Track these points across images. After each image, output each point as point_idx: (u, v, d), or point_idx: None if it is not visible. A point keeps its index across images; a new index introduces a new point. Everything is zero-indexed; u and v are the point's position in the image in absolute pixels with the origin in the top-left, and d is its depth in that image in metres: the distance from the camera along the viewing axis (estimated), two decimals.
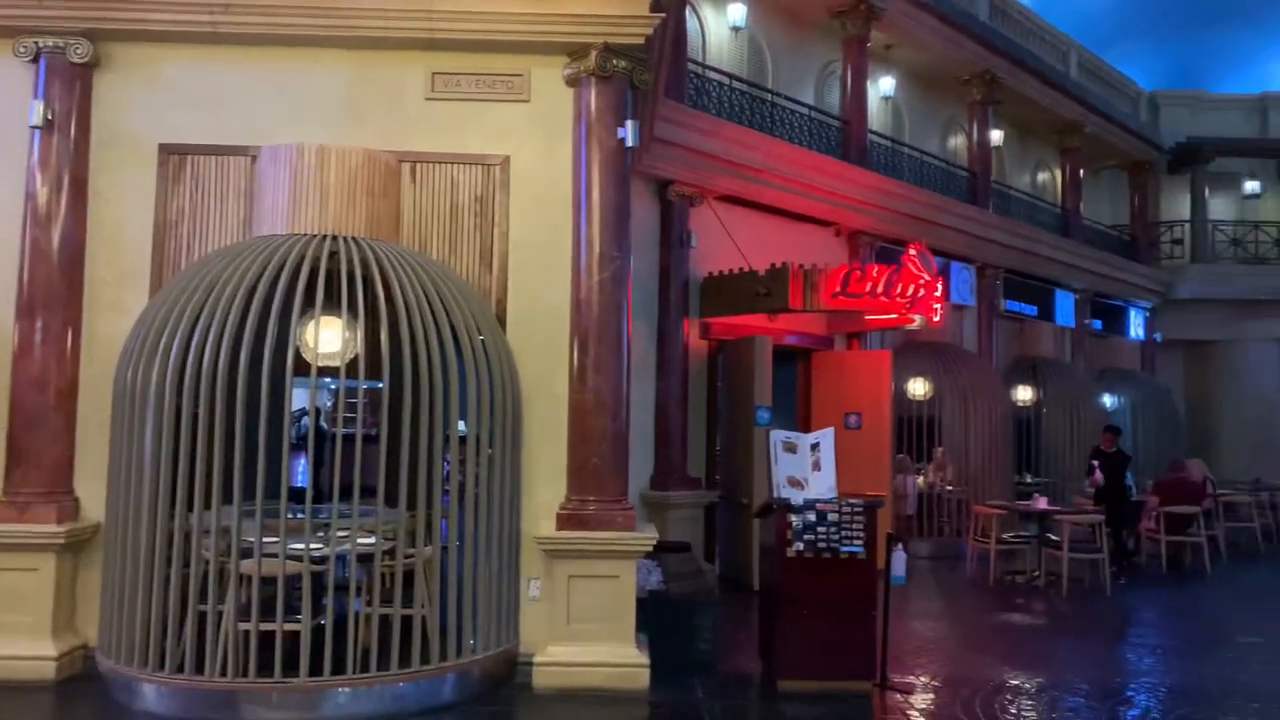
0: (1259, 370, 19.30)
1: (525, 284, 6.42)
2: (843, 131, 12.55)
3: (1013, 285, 15.72)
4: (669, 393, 9.90)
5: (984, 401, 12.94)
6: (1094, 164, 19.59)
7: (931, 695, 6.21)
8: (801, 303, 9.66)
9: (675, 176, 9.95)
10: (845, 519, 6.12)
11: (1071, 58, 18.08)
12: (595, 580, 6.09)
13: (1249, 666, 7.18)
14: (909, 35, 13.63)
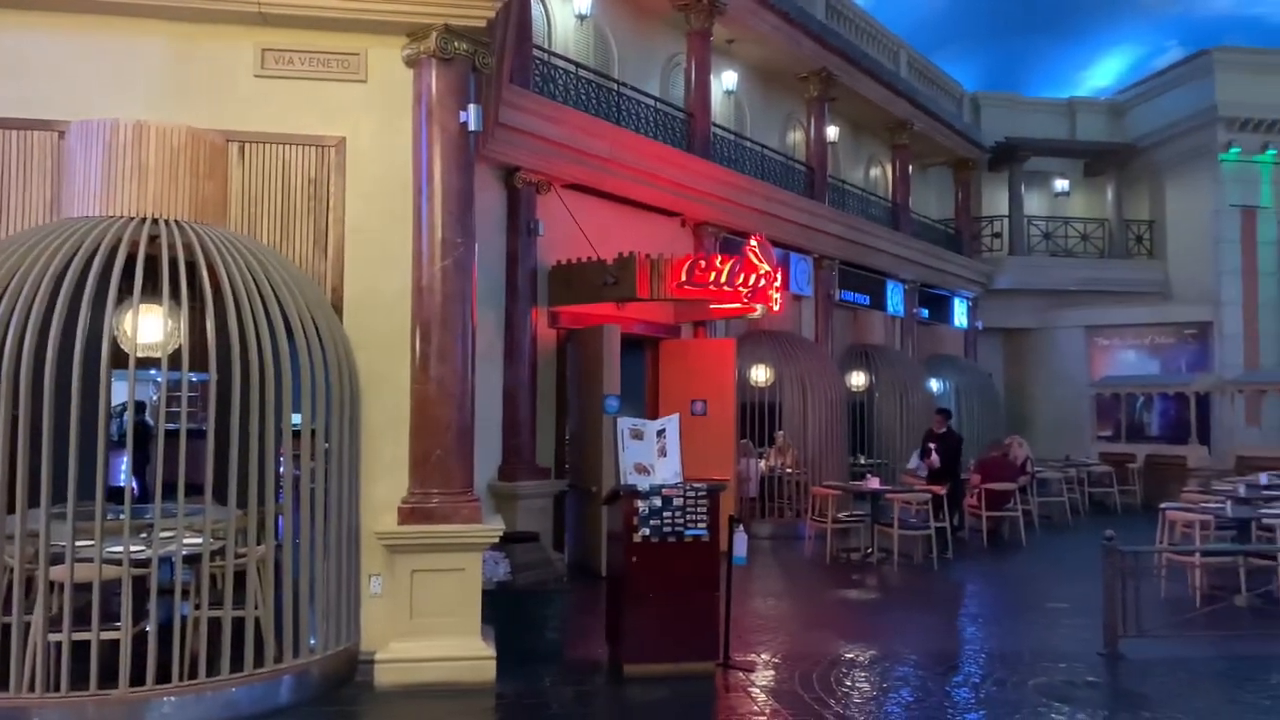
0: (1068, 356, 20.85)
1: (363, 270, 6.22)
2: (687, 124, 12.75)
3: (847, 276, 16.40)
4: (517, 382, 9.83)
5: (821, 387, 13.45)
6: (922, 161, 20.64)
7: (772, 672, 6.42)
8: (648, 292, 9.76)
9: (522, 163, 9.86)
10: (689, 503, 6.22)
11: (902, 58, 18.97)
12: (440, 574, 5.98)
13: (1058, 629, 7.76)
14: (750, 31, 13.97)
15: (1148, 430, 18.99)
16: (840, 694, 5.92)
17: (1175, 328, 19.94)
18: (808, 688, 6.01)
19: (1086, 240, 21.41)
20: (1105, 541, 7.09)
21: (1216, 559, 8.76)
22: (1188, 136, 19.85)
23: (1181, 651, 6.90)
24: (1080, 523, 14.18)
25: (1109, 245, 21.37)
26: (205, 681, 5.10)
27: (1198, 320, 19.53)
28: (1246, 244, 19.09)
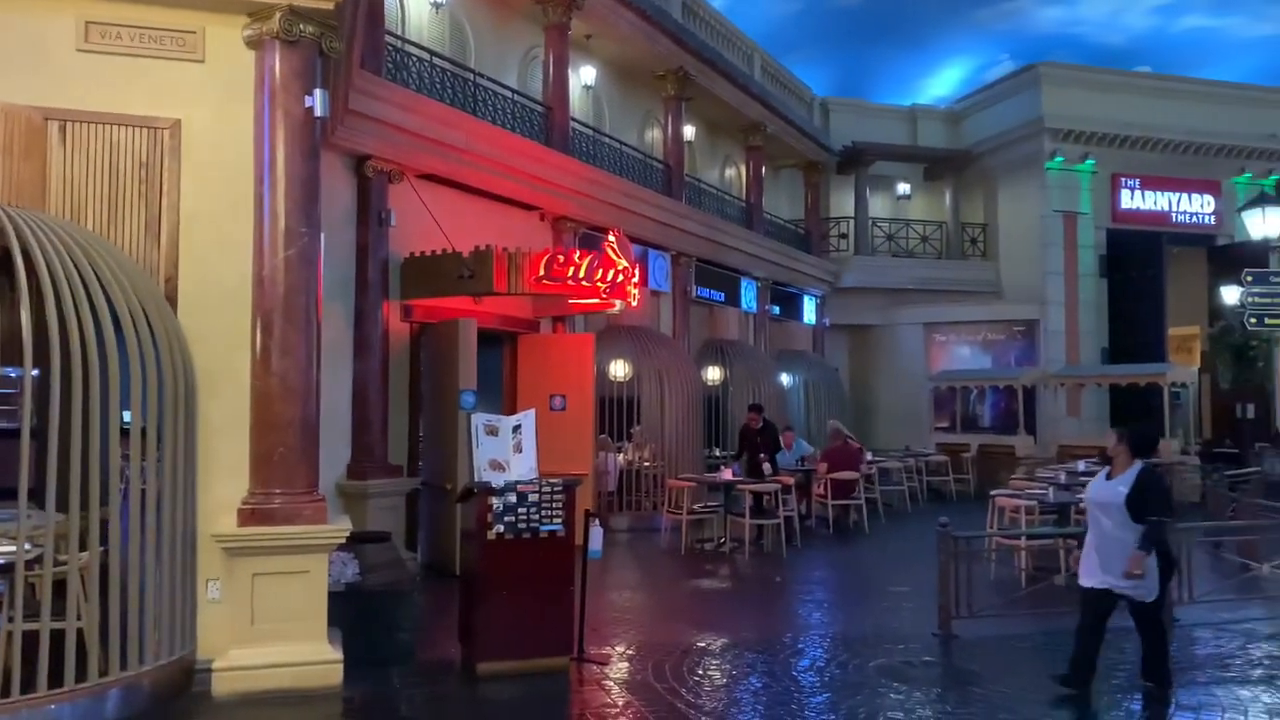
0: (908, 351, 21.89)
1: (200, 260, 5.91)
2: (546, 117, 12.68)
3: (703, 273, 16.70)
4: (367, 377, 9.56)
5: (678, 382, 13.65)
6: (774, 162, 21.24)
7: (626, 664, 6.48)
8: (506, 286, 9.67)
9: (373, 152, 9.58)
10: (545, 499, 6.20)
11: (756, 61, 19.44)
12: (283, 577, 5.75)
13: (898, 612, 8.15)
14: (608, 27, 14.03)
15: (980, 421, 20.18)
16: (692, 683, 6.03)
17: (1006, 325, 21.23)
18: (660, 678, 6.10)
19: (926, 241, 22.52)
20: (940, 528, 7.48)
21: (1040, 542, 9.38)
22: (1017, 145, 21.15)
23: (1008, 629, 7.36)
24: (919, 510, 14.91)
25: (946, 247, 22.54)
26: (19, 699, 4.73)
27: (1025, 318, 20.85)
28: (1068, 247, 20.51)
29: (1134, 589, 5.60)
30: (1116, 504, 5.62)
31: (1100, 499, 5.79)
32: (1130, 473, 5.69)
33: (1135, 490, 5.57)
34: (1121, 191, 20.92)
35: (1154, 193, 21.11)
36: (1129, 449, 5.76)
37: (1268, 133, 21.77)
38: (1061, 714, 5.51)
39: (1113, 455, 5.85)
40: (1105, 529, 5.71)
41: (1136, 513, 5.55)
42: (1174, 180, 21.19)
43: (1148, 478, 5.66)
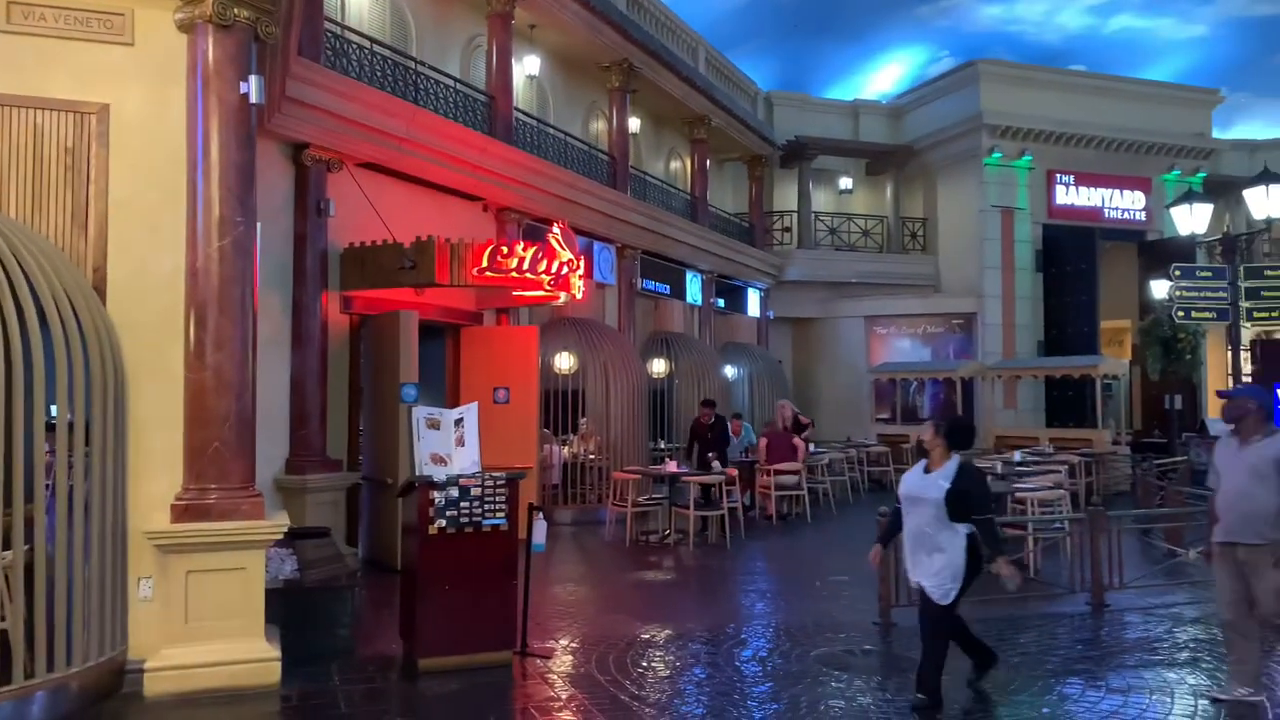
0: (850, 344, 22.17)
1: (131, 250, 5.74)
2: (489, 107, 12.56)
3: (649, 265, 16.71)
4: (306, 370, 9.38)
5: (624, 374, 13.64)
6: (719, 155, 21.30)
7: (570, 657, 6.46)
8: (448, 277, 9.55)
9: (311, 140, 9.39)
10: (488, 492, 6.15)
11: (700, 54, 19.47)
12: (218, 574, 5.63)
13: (838, 601, 8.25)
14: (552, 17, 13.93)
15: (920, 412, 20.50)
16: (635, 675, 6.04)
17: (944, 318, 21.62)
18: (604, 671, 6.09)
19: (867, 235, 22.80)
20: (880, 517, 7.58)
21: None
22: (956, 141, 21.51)
23: None
24: (860, 500, 15.13)
25: (887, 240, 22.85)
26: None
27: (964, 311, 21.25)
28: (1005, 242, 20.94)
29: (933, 586, 5.31)
30: (934, 499, 5.31)
31: (915, 493, 5.46)
32: (949, 467, 5.37)
33: (955, 486, 5.27)
34: (1056, 187, 21.41)
35: (1088, 189, 21.65)
36: (946, 442, 5.44)
37: (1195, 131, 22.45)
38: (995, 700, 5.62)
39: (930, 448, 5.49)
40: (917, 524, 5.42)
41: (955, 509, 5.26)
42: (1107, 177, 21.75)
43: (967, 473, 5.37)
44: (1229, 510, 5.46)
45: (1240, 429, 5.52)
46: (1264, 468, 5.33)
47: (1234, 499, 5.46)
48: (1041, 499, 9.95)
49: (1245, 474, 5.39)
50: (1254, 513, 5.31)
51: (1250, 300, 9.22)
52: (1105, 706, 5.46)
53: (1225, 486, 5.52)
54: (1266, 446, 5.38)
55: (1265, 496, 5.30)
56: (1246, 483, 5.37)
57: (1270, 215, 9.47)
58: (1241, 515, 5.36)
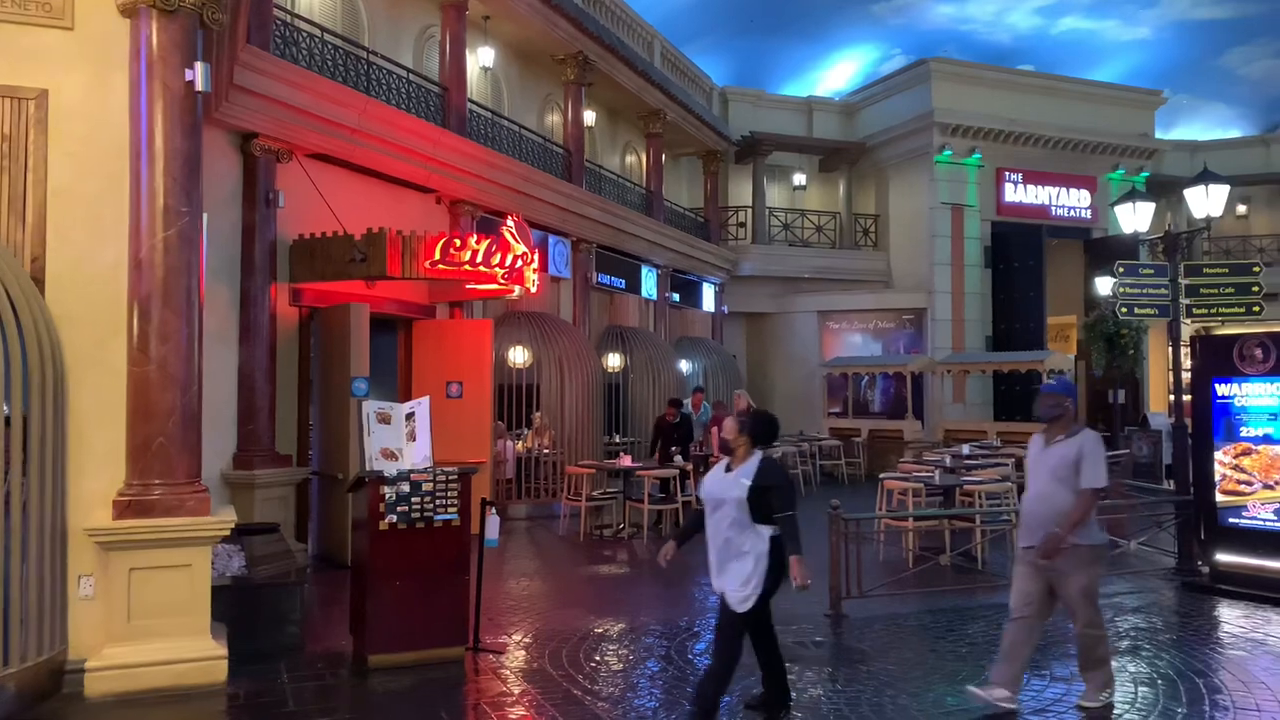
0: (803, 338, 22.35)
1: (71, 240, 5.60)
2: (443, 98, 12.44)
3: (604, 260, 16.69)
4: (254, 364, 9.22)
5: (579, 368, 13.62)
6: (674, 150, 21.34)
7: (523, 652, 6.44)
8: (400, 270, 9.45)
9: (260, 129, 9.22)
10: (440, 487, 6.11)
11: (656, 49, 19.47)
12: (162, 571, 5.52)
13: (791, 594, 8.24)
14: (506, 8, 13.83)
15: (871, 407, 20.76)
16: (589, 669, 6.04)
17: (895, 313, 21.88)
18: (557, 665, 6.09)
19: (820, 231, 22.99)
20: (831, 510, 7.67)
21: (926, 523, 9.72)
22: (908, 138, 21.76)
23: (895, 608, 7.61)
24: (812, 493, 15.25)
25: (840, 236, 23.07)
26: None
27: (914, 307, 21.53)
28: (955, 239, 21.24)
29: (733, 592, 4.89)
30: (735, 498, 4.86)
31: (716, 494, 5.00)
32: (750, 464, 4.94)
33: (756, 483, 4.84)
34: (1005, 185, 21.76)
35: (1035, 187, 22.04)
36: (750, 438, 5.04)
37: (1139, 132, 22.95)
38: (942, 690, 5.71)
39: (734, 446, 5.07)
40: (719, 527, 4.96)
41: (757, 509, 4.84)
42: (1054, 175, 22.15)
43: (770, 469, 4.94)
44: (1029, 514, 5.29)
45: (1051, 427, 5.34)
46: (1063, 469, 5.15)
47: (1033, 502, 5.30)
48: (989, 491, 10.13)
49: (1046, 475, 5.22)
50: (1052, 516, 5.12)
51: (1190, 297, 9.43)
52: (1049, 694, 5.57)
53: (1029, 488, 5.35)
54: (1068, 446, 5.19)
55: (1065, 498, 5.12)
56: (1046, 484, 5.20)
57: (1209, 214, 9.71)
58: (1040, 519, 5.19)
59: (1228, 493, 8.22)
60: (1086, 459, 5.10)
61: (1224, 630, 7.07)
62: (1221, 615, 7.50)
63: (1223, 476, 8.29)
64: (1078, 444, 5.16)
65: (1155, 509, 10.15)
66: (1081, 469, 5.09)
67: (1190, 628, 7.12)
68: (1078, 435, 5.21)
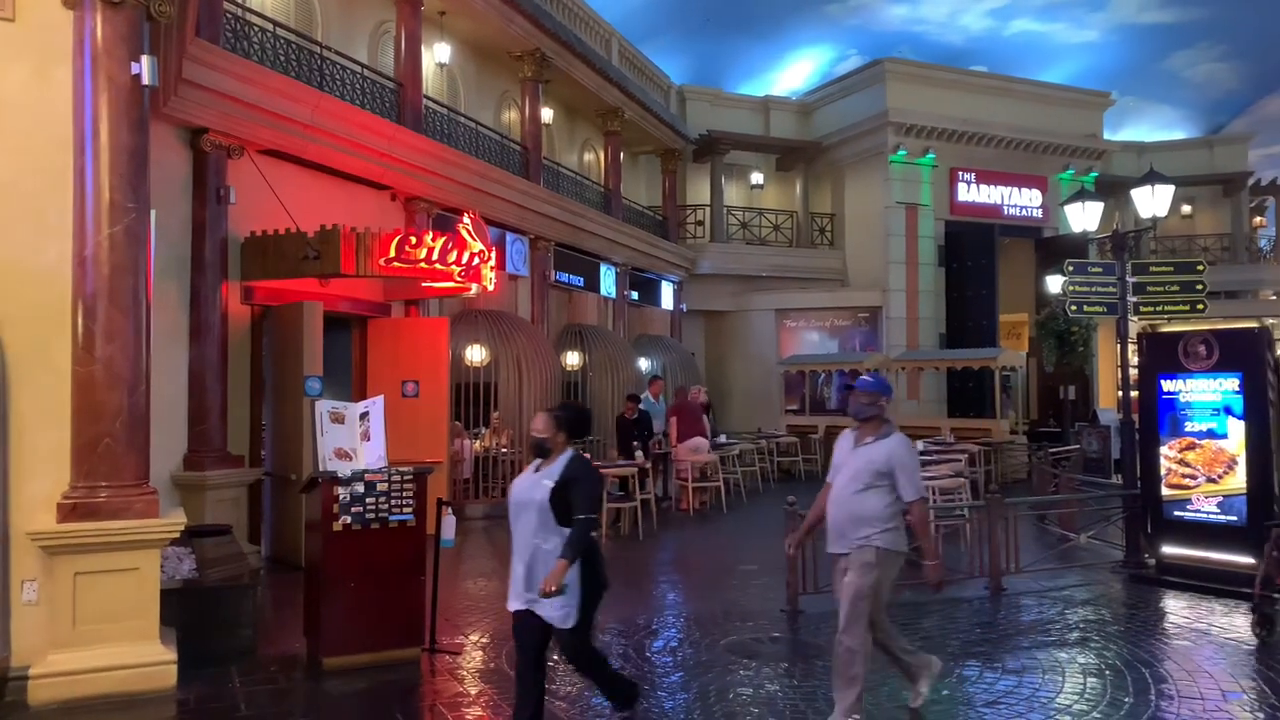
0: (761, 336, 22.47)
1: (11, 236, 5.47)
2: (398, 94, 12.32)
3: (562, 257, 16.64)
4: (205, 363, 9.07)
5: (537, 367, 13.57)
6: (632, 148, 21.34)
7: (480, 653, 6.41)
8: (354, 268, 9.36)
9: (211, 124, 9.06)
10: (395, 488, 6.05)
11: (614, 46, 19.45)
12: (109, 575, 5.41)
13: (748, 590, 8.36)
14: (463, 4, 13.73)
15: (828, 404, 20.91)
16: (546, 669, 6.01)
17: (851, 311, 22.07)
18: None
19: (778, 230, 23.13)
20: (787, 507, 7.72)
21: None
22: (863, 138, 21.96)
23: None
24: (770, 490, 15.35)
25: (797, 235, 23.22)
26: None
27: (869, 305, 21.73)
28: (910, 238, 21.47)
29: (551, 611, 4.41)
30: (539, 501, 4.42)
31: (520, 497, 4.54)
32: (559, 462, 4.52)
33: (561, 484, 4.43)
34: (958, 185, 22.04)
35: (988, 187, 22.34)
36: (566, 433, 4.60)
37: (1088, 133, 23.38)
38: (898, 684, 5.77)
39: (551, 446, 4.56)
40: (525, 535, 4.49)
41: (561, 510, 4.41)
42: (1006, 175, 22.48)
43: (578, 468, 4.50)
44: (833, 519, 4.96)
45: (864, 426, 5.01)
46: (866, 474, 4.85)
47: (835, 505, 4.97)
48: (943, 487, 10.26)
49: (847, 477, 4.93)
50: (851, 522, 4.85)
51: (1137, 295, 9.63)
52: (1001, 687, 5.66)
53: (833, 491, 5.03)
54: (876, 449, 4.89)
55: (862, 504, 4.83)
56: (845, 487, 4.92)
57: (1155, 214, 9.91)
58: (839, 525, 4.91)
59: (1173, 486, 8.41)
60: (901, 471, 4.81)
61: (1169, 621, 7.24)
62: (1167, 606, 7.68)
63: (1168, 471, 8.49)
64: (886, 450, 4.85)
65: (1104, 503, 10.34)
66: (899, 484, 4.80)
67: (1137, 619, 7.27)
68: (888, 439, 4.90)
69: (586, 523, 4.38)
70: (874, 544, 4.80)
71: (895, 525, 4.87)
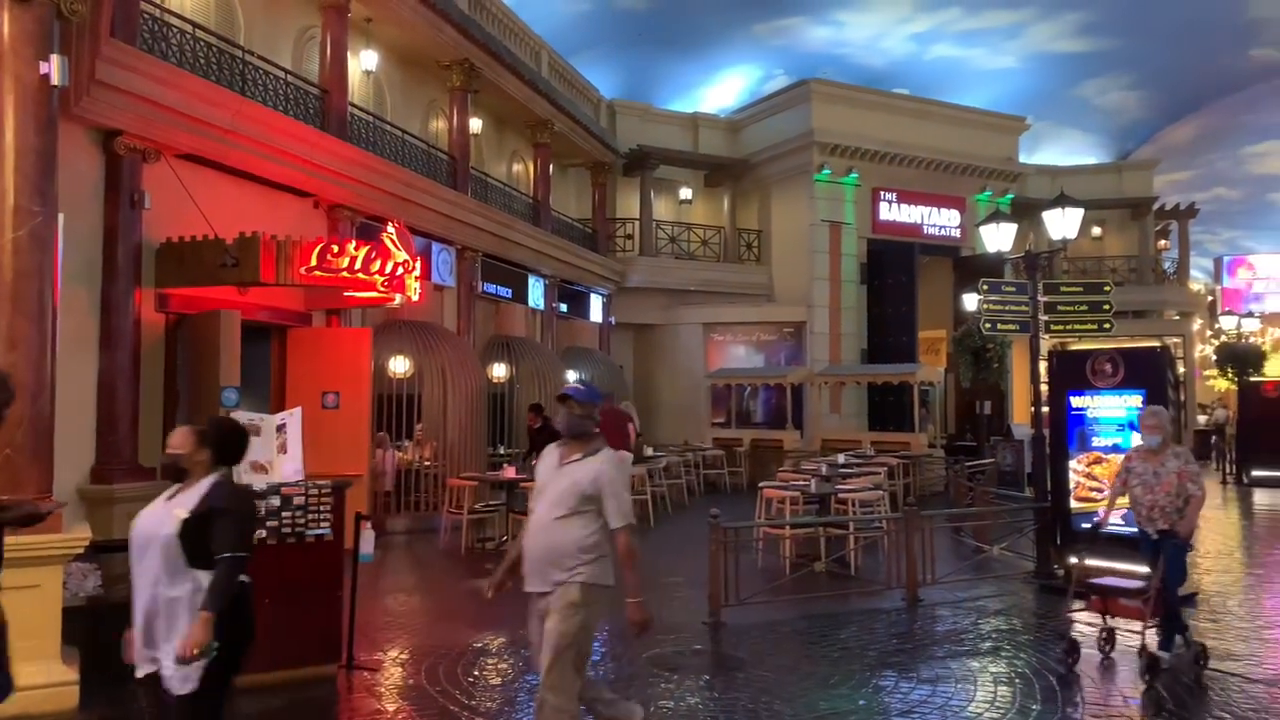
0: (688, 350, 22.62)
1: None
2: (322, 101, 12.13)
3: (490, 268, 16.53)
4: (116, 372, 8.78)
5: (462, 379, 13.44)
6: (562, 160, 21.33)
7: (399, 669, 6.31)
8: (274, 276, 9.17)
9: (125, 127, 8.80)
10: (312, 502, 5.94)
11: (543, 59, 19.44)
12: (7, 593, 5.11)
13: (671, 603, 8.39)
14: (390, 12, 13.60)
15: (754, 417, 21.19)
16: (466, 684, 5.96)
17: (777, 326, 22.37)
18: (434, 681, 5.99)
19: (706, 245, 23.34)
20: (711, 519, 7.79)
21: (803, 530, 9.96)
22: (789, 157, 22.32)
23: (772, 615, 7.77)
24: (696, 502, 15.45)
25: (724, 250, 23.47)
26: None
27: (794, 320, 22.05)
28: (833, 255, 21.88)
29: (171, 671, 3.50)
30: (165, 536, 3.52)
31: (146, 532, 3.60)
32: (198, 488, 3.64)
33: (198, 515, 3.53)
34: (880, 204, 22.54)
35: (909, 206, 22.90)
36: (213, 453, 3.72)
37: (1004, 156, 24.16)
38: (816, 695, 5.86)
39: (188, 466, 3.68)
40: (145, 579, 3.57)
41: (195, 549, 3.52)
42: (926, 195, 23.08)
43: (223, 495, 3.62)
44: (531, 552, 4.26)
45: (572, 443, 4.35)
46: (569, 496, 4.17)
47: (534, 535, 4.27)
48: (862, 499, 10.47)
49: (549, 501, 4.24)
50: (548, 553, 4.19)
51: (1048, 314, 9.97)
52: (916, 696, 5.79)
53: (533, 519, 4.34)
54: (583, 469, 4.20)
55: (563, 534, 4.17)
56: (545, 513, 4.24)
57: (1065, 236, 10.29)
58: (536, 558, 4.24)
59: (1081, 499, 8.71)
60: (610, 495, 4.17)
61: (1077, 630, 7.48)
62: (1075, 616, 7.93)
63: (1076, 484, 8.80)
64: (594, 470, 4.18)
65: (1017, 515, 10.65)
66: (606, 508, 4.16)
67: (1047, 628, 7.50)
68: (596, 457, 4.23)
69: (233, 563, 3.49)
70: (579, 579, 4.14)
71: (602, 555, 4.22)
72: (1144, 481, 6.36)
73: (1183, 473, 6.24)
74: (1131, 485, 6.44)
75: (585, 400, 4.34)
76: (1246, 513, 15.35)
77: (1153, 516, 6.30)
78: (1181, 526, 6.18)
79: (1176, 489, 6.21)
